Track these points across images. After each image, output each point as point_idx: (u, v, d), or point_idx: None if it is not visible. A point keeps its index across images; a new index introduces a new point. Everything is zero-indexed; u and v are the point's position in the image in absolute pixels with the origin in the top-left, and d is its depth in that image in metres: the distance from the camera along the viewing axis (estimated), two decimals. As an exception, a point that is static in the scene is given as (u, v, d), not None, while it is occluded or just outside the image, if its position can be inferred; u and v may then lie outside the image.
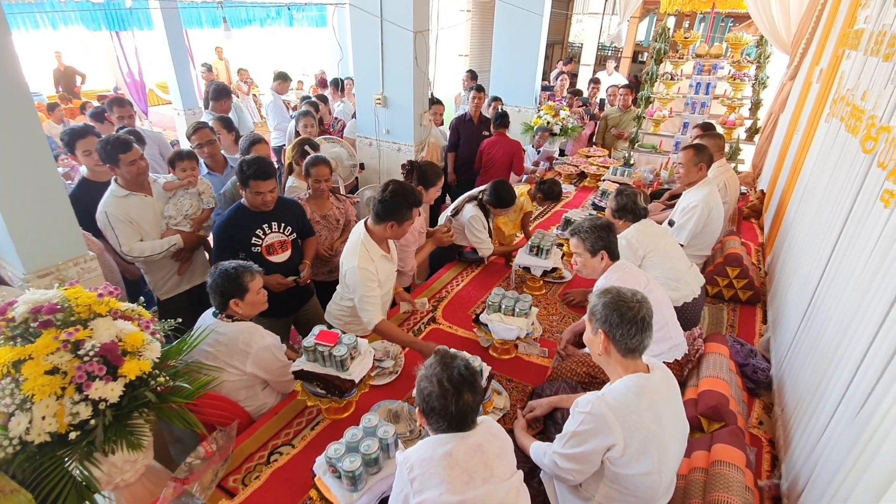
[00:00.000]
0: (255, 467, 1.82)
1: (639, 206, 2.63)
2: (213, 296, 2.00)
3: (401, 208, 2.24)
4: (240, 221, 2.56)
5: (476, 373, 1.32)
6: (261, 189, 2.47)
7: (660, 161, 5.22)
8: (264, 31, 10.22)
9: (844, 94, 2.41)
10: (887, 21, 1.97)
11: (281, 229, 2.65)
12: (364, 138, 4.52)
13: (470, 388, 1.26)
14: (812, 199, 2.60)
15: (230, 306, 1.99)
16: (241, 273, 2.00)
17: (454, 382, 1.25)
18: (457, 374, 1.27)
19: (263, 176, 2.45)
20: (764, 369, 2.35)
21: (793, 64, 4.49)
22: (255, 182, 2.45)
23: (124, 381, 1.46)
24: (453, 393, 1.24)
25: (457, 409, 1.24)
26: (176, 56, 5.94)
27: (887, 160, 1.54)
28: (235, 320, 2.02)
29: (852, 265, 1.68)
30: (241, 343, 1.96)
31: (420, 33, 3.85)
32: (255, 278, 2.04)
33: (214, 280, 1.97)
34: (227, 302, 1.98)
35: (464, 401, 1.25)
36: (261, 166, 2.45)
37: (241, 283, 1.99)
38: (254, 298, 2.04)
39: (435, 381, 1.27)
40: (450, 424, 1.26)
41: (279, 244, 2.65)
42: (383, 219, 2.27)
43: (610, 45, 12.53)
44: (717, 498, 1.48)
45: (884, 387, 1.22)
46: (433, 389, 1.26)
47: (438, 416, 1.26)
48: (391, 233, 2.32)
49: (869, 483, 1.15)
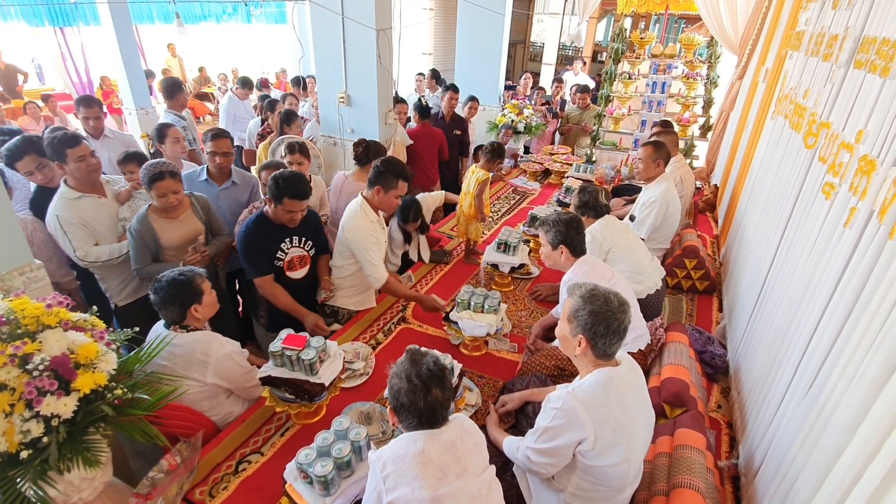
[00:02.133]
0: (222, 478, 1.76)
1: (600, 203, 2.68)
2: (168, 308, 1.88)
3: (388, 175, 2.48)
4: (266, 232, 2.43)
5: (445, 369, 1.33)
6: (294, 209, 2.36)
7: (620, 158, 5.38)
8: (220, 27, 9.90)
9: (788, 92, 2.55)
10: (826, 23, 2.10)
11: (302, 244, 2.56)
12: (328, 137, 4.45)
13: (438, 384, 1.28)
14: (761, 192, 2.74)
15: (190, 314, 1.91)
16: (192, 277, 1.91)
17: (423, 378, 1.27)
18: (425, 369, 1.29)
19: (300, 196, 2.35)
20: (721, 355, 2.46)
21: (741, 64, 4.71)
22: (291, 201, 2.33)
23: (78, 395, 1.39)
24: (422, 388, 1.26)
25: (425, 404, 1.26)
26: (126, 53, 5.66)
27: (827, 154, 1.64)
28: (190, 330, 1.91)
29: (798, 253, 1.78)
30: (198, 353, 1.87)
31: (383, 31, 3.83)
32: (204, 279, 1.97)
33: (167, 292, 1.85)
34: (186, 311, 1.89)
35: (432, 396, 1.26)
36: (299, 186, 2.34)
37: (196, 287, 1.90)
38: (210, 300, 1.97)
39: (404, 377, 1.29)
40: (420, 421, 1.27)
41: (298, 259, 2.57)
42: (373, 184, 2.52)
43: (570, 45, 12.79)
44: (680, 480, 1.54)
45: (829, 366, 1.31)
46: (402, 385, 1.28)
47: (408, 412, 1.27)
48: (378, 199, 2.54)
49: (819, 458, 1.22)
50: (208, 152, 2.98)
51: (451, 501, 1.20)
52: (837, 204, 1.49)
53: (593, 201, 2.67)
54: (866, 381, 1.06)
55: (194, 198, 2.70)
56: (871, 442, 0.98)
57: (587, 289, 1.51)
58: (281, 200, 2.33)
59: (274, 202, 2.36)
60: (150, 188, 2.43)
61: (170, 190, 2.45)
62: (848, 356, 1.20)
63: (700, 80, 5.51)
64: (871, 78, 1.45)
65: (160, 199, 2.46)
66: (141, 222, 2.49)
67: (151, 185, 2.41)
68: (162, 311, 1.91)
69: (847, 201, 1.40)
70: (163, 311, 1.90)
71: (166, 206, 2.50)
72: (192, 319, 1.93)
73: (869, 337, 1.11)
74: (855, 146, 1.41)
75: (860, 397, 1.08)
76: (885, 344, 1.02)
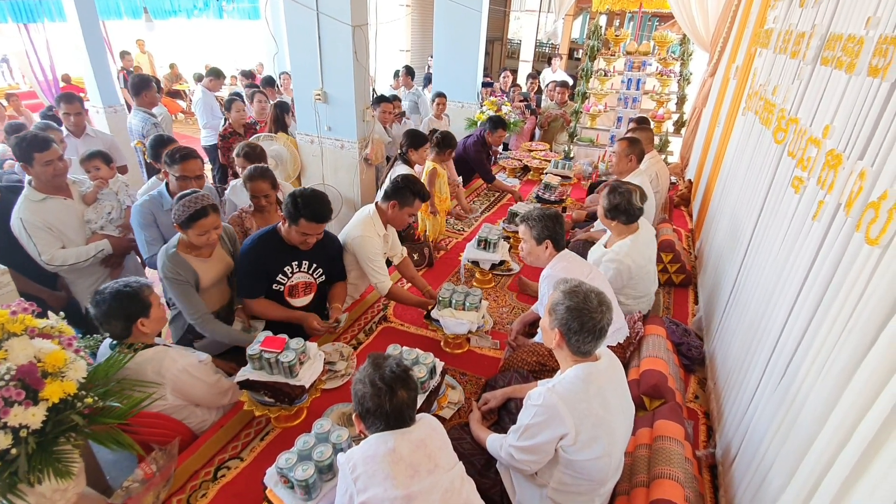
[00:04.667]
0: (200, 485, 1.72)
1: (633, 206, 2.34)
2: (112, 323, 1.72)
3: (405, 192, 2.49)
4: (273, 250, 2.25)
5: (408, 370, 1.34)
6: (310, 232, 2.19)
7: (597, 154, 5.45)
8: (191, 23, 9.64)
9: (758, 89, 2.61)
10: (793, 21, 2.15)
11: (310, 270, 2.37)
12: (305, 135, 4.38)
13: (403, 385, 1.28)
14: (733, 186, 2.80)
15: (137, 328, 1.75)
16: (139, 288, 1.76)
17: (387, 381, 1.27)
18: (388, 372, 1.29)
19: (319, 219, 2.17)
20: (697, 347, 2.51)
21: (712, 61, 4.81)
22: (309, 224, 2.15)
23: (46, 404, 1.34)
24: (386, 391, 1.26)
25: (391, 406, 1.25)
26: (92, 50, 5.47)
27: (796, 150, 1.69)
28: (136, 349, 1.74)
29: (769, 246, 1.83)
30: (150, 374, 1.73)
31: (359, 27, 3.78)
32: (152, 290, 1.82)
33: (109, 305, 1.70)
34: (132, 325, 1.74)
35: (398, 398, 1.26)
36: (320, 208, 2.16)
37: (143, 300, 1.75)
38: (158, 312, 1.82)
39: (367, 382, 1.28)
40: (387, 423, 1.27)
41: (303, 286, 2.38)
42: (389, 197, 2.52)
43: (547, 42, 12.87)
44: (660, 471, 1.57)
45: (801, 356, 1.34)
46: (367, 390, 1.27)
47: (374, 416, 1.27)
48: (392, 213, 2.54)
49: (792, 445, 1.26)
50: (177, 176, 2.54)
51: (424, 498, 1.20)
52: (806, 197, 1.53)
53: (626, 204, 2.33)
54: (836, 371, 1.10)
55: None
56: (841, 430, 1.01)
57: (571, 285, 1.53)
58: (297, 221, 2.15)
59: (289, 221, 2.18)
60: (188, 226, 2.06)
61: (212, 227, 2.11)
62: (818, 346, 1.23)
63: (673, 77, 5.62)
64: (837, 74, 1.49)
65: (199, 237, 2.09)
66: (178, 265, 2.12)
67: (192, 223, 2.05)
68: (104, 327, 1.74)
69: (815, 195, 1.44)
70: (105, 326, 1.74)
71: (206, 245, 2.15)
72: (139, 335, 1.78)
73: (838, 327, 1.14)
74: (822, 141, 1.45)
75: (830, 386, 1.11)
76: (853, 334, 1.05)
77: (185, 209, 2.05)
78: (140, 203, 2.50)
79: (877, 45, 1.22)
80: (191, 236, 2.10)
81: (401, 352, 1.93)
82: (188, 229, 2.07)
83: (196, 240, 2.11)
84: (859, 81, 1.32)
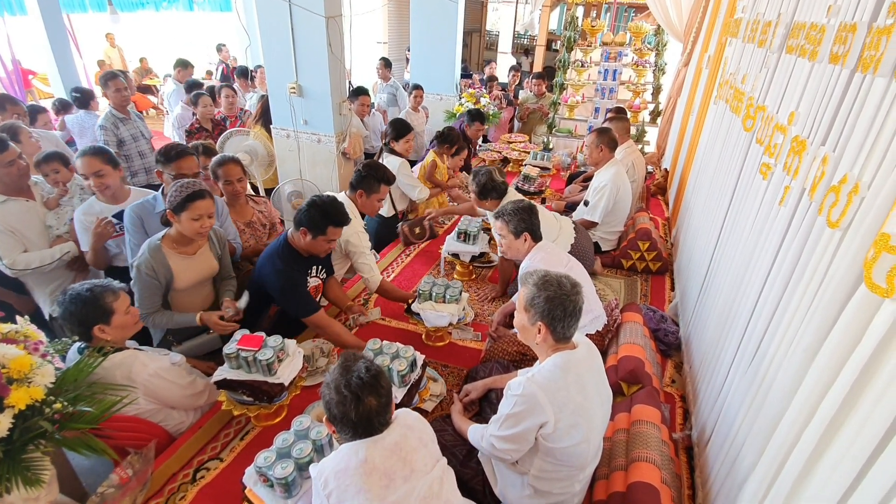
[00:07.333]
0: (179, 487, 1.70)
1: (497, 182, 2.63)
2: (69, 328, 1.68)
3: (370, 179, 2.50)
4: (298, 264, 2.23)
5: (379, 374, 1.23)
6: (335, 237, 2.18)
7: (576, 144, 5.48)
8: (160, 15, 9.37)
9: (728, 78, 2.66)
10: (760, 10, 2.19)
11: (318, 272, 2.39)
12: (280, 130, 4.30)
13: (372, 392, 1.19)
14: (706, 174, 2.85)
15: (95, 335, 1.70)
16: (100, 293, 1.69)
17: (352, 388, 1.18)
18: (356, 378, 1.19)
19: (344, 222, 2.17)
20: (674, 332, 2.56)
21: (686, 51, 4.88)
22: (336, 230, 2.15)
23: (13, 411, 1.30)
24: (352, 399, 1.17)
25: (357, 415, 1.18)
26: (55, 44, 5.28)
27: (763, 136, 1.73)
28: (105, 353, 1.67)
29: (740, 231, 1.87)
30: (119, 378, 1.68)
31: (332, 18, 3.71)
32: (118, 297, 1.74)
33: (66, 308, 1.65)
34: (89, 331, 1.69)
35: (364, 406, 1.18)
36: (342, 211, 2.16)
37: (102, 306, 1.69)
38: (123, 320, 1.74)
39: (333, 388, 1.20)
40: (356, 432, 1.20)
41: (314, 290, 2.39)
42: (355, 187, 2.54)
43: (525, 34, 12.87)
44: (638, 455, 1.60)
45: (769, 337, 1.38)
46: (332, 396, 1.20)
47: (342, 423, 1.20)
48: (361, 202, 2.56)
49: (761, 424, 1.30)
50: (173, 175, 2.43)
51: None
52: (773, 183, 1.57)
53: (490, 182, 2.63)
54: (801, 349, 1.13)
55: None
56: (806, 407, 1.05)
57: (539, 276, 1.53)
58: (325, 230, 2.11)
59: (313, 232, 2.12)
60: (183, 208, 1.98)
61: (206, 213, 2.05)
62: (785, 326, 1.27)
63: (649, 68, 5.68)
64: (801, 62, 1.52)
65: (193, 222, 2.02)
66: (155, 257, 2.04)
67: (188, 203, 1.98)
68: (66, 330, 1.69)
69: (782, 180, 1.47)
70: (66, 329, 1.69)
71: (197, 234, 2.09)
72: (101, 341, 1.72)
73: (803, 308, 1.18)
74: (788, 128, 1.49)
75: (796, 365, 1.14)
76: (817, 314, 1.08)
77: (182, 191, 2.00)
78: (130, 208, 2.39)
79: (837, 32, 1.25)
80: (183, 222, 2.02)
81: (381, 346, 1.93)
82: (183, 212, 2.00)
83: (188, 226, 2.03)
84: (821, 68, 1.35)
